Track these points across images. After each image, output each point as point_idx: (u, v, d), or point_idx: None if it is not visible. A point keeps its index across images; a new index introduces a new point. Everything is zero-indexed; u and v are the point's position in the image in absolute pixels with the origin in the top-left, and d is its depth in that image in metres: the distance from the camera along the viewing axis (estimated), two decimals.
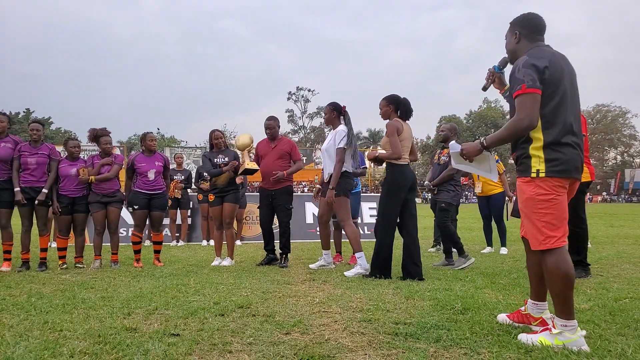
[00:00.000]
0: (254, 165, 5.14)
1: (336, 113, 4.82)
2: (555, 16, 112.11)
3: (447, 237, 4.99)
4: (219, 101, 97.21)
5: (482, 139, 2.44)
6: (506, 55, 2.59)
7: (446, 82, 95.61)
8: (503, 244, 6.19)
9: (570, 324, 2.16)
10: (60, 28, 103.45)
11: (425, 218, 15.31)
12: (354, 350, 2.19)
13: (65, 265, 4.89)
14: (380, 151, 4.39)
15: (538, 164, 2.23)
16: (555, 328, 2.20)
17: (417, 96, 74.14)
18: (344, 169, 4.62)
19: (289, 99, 61.77)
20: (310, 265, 4.95)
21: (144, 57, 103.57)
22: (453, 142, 2.79)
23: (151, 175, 5.09)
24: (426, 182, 5.34)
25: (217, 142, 5.29)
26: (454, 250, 4.95)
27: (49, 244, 5.05)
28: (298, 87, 62.14)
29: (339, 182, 4.57)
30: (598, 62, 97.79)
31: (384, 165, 4.33)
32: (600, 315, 2.75)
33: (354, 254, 4.61)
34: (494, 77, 2.68)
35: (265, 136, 5.36)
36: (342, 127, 4.73)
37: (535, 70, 2.21)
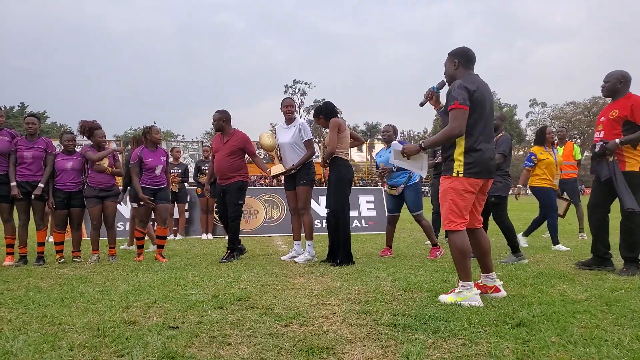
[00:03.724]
0: (280, 169, 4.94)
1: (295, 108, 5.15)
2: (554, 9, 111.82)
3: (506, 233, 4.68)
4: (215, 95, 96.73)
5: (421, 141, 3.08)
6: (443, 79, 3.15)
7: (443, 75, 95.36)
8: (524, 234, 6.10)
9: (467, 284, 2.87)
10: (55, 22, 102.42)
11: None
12: (353, 341, 2.20)
13: (62, 260, 4.87)
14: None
15: (458, 167, 2.87)
16: (458, 288, 2.89)
17: (415, 90, 73.97)
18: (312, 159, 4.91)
19: (285, 92, 61.49)
20: (282, 257, 5.07)
21: (139, 51, 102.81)
22: (395, 141, 3.24)
23: (158, 171, 5.02)
24: None
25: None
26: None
27: (46, 238, 5.04)
28: (295, 80, 61.79)
29: (309, 173, 4.85)
30: (595, 55, 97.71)
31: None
32: (596, 305, 2.77)
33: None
34: (432, 95, 3.21)
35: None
36: (302, 120, 5.01)
37: (467, 92, 2.83)
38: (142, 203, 4.97)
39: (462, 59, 3.01)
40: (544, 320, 2.45)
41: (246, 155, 5.17)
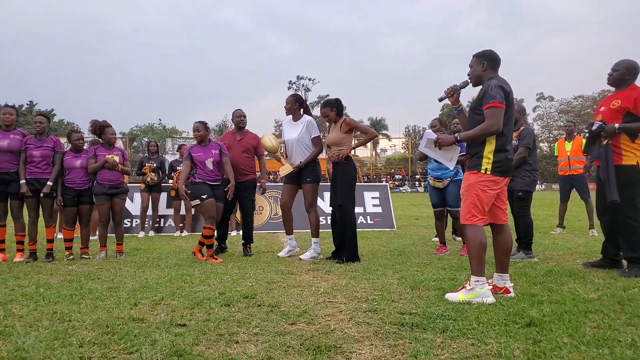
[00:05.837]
0: (288, 168, 4.89)
1: (298, 104, 5.02)
2: (560, 0, 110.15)
3: (524, 228, 4.61)
4: (220, 91, 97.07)
5: (457, 134, 3.09)
6: (467, 79, 3.19)
7: (448, 68, 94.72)
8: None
9: (480, 279, 2.87)
10: (62, 20, 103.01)
11: (428, 207, 15.24)
12: (360, 340, 2.19)
13: (71, 256, 4.91)
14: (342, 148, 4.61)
15: (487, 164, 2.94)
16: (469, 285, 2.87)
17: (418, 83, 73.62)
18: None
19: (289, 88, 61.36)
20: (279, 254, 5.06)
21: (144, 49, 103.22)
22: (429, 130, 3.13)
23: (209, 164, 4.87)
24: None
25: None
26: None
27: (55, 235, 5.08)
28: (299, 76, 61.73)
29: (314, 171, 4.86)
30: (603, 46, 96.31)
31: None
32: (609, 305, 2.73)
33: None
34: (454, 92, 3.20)
35: (234, 127, 5.44)
36: (309, 117, 4.97)
37: (503, 91, 2.92)
38: (204, 197, 4.77)
39: (490, 62, 3.08)
40: (554, 320, 2.42)
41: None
